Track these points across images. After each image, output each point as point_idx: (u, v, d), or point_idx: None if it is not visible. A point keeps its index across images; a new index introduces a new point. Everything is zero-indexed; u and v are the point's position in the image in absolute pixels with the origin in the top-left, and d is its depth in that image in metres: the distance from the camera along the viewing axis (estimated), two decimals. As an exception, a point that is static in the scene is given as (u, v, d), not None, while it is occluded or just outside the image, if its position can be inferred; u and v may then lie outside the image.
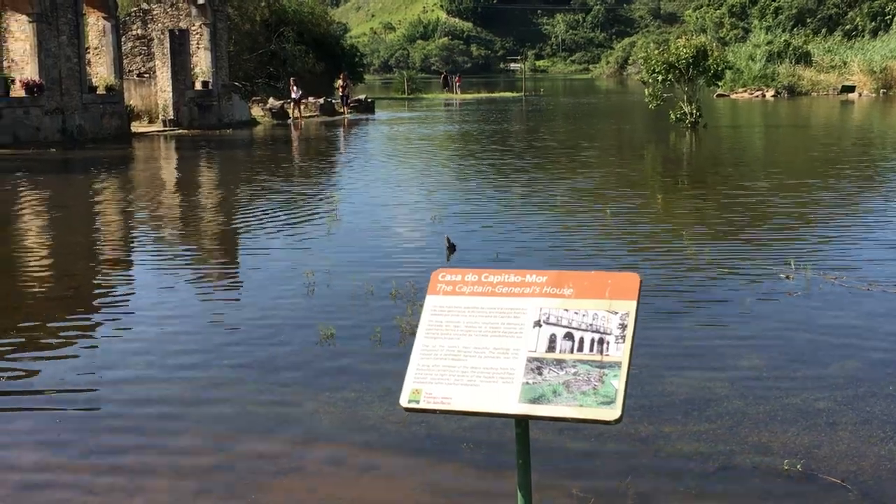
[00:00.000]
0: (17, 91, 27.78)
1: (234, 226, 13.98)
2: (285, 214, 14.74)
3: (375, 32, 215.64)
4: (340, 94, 44.33)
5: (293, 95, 40.08)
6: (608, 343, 3.61)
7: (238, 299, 9.37)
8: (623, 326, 3.64)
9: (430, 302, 3.91)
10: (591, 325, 3.66)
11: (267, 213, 14.80)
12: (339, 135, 33.40)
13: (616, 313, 3.67)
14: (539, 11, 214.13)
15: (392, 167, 22.18)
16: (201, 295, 9.61)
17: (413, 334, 7.63)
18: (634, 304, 3.70)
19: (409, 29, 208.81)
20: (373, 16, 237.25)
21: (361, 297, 8.98)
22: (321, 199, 16.44)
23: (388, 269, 10.31)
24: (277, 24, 53.34)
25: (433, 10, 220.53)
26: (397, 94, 71.31)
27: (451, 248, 11.18)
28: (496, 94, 70.64)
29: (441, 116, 45.13)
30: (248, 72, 48.74)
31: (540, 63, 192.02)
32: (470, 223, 13.40)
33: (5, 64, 27.70)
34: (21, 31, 28.37)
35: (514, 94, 69.26)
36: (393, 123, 38.81)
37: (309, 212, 15.00)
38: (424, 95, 69.46)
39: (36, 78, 28.02)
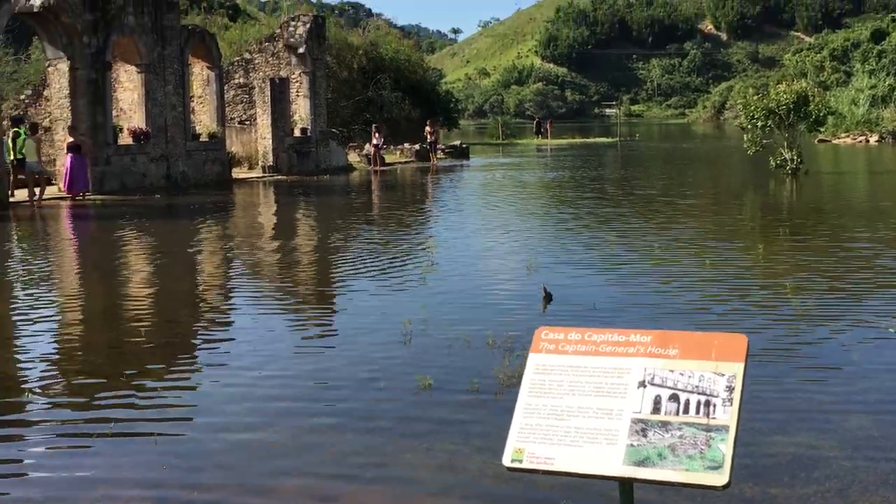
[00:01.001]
0: (125, 139, 28.76)
1: (330, 272, 14.16)
2: (381, 261, 14.88)
3: (470, 78, 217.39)
4: (429, 140, 44.49)
5: (374, 142, 40.17)
6: (715, 406, 3.55)
7: (335, 346, 9.46)
8: (730, 389, 3.58)
9: (534, 360, 3.90)
10: (697, 386, 3.61)
11: (363, 260, 14.96)
12: (431, 181, 33.67)
13: (723, 375, 3.62)
14: (634, 56, 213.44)
15: (486, 214, 22.24)
16: (299, 341, 9.74)
17: (510, 386, 7.65)
18: (742, 366, 3.64)
19: (503, 74, 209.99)
20: (468, 62, 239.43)
21: (458, 347, 8.99)
22: (416, 247, 16.55)
23: (484, 318, 10.31)
24: (375, 71, 54.24)
25: (528, 56, 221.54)
26: (491, 139, 71.70)
27: (548, 297, 11.13)
28: (590, 140, 70.49)
29: (535, 162, 45.19)
30: (345, 118, 49.59)
31: (635, 108, 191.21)
32: (566, 272, 13.32)
33: (115, 113, 28.68)
34: (130, 82, 29.41)
35: (609, 140, 69.03)
36: (487, 170, 38.99)
37: (404, 259, 15.11)
38: (518, 141, 69.70)
39: (143, 126, 28.97)
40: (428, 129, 44.21)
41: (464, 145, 49.42)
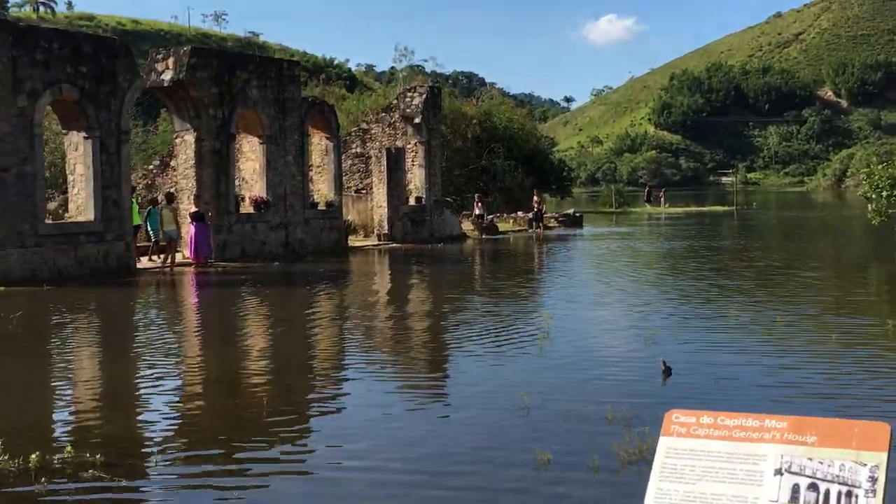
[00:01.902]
0: (247, 207, 29.59)
1: (444, 341, 14.20)
2: (495, 331, 14.85)
3: (583, 146, 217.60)
4: (535, 209, 44.24)
5: (476, 212, 40.06)
6: (857, 496, 3.42)
7: (451, 416, 9.43)
8: (873, 479, 3.44)
9: (664, 443, 3.81)
10: (837, 476, 3.48)
11: (477, 329, 14.96)
12: (544, 250, 33.60)
13: (865, 465, 3.48)
14: (751, 123, 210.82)
15: (601, 284, 22.05)
16: (414, 411, 9.75)
17: (630, 463, 7.51)
18: (885, 455, 3.50)
19: (616, 142, 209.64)
20: (580, 130, 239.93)
21: (577, 421, 8.88)
22: (531, 316, 16.48)
23: (601, 390, 10.18)
24: (488, 140, 54.74)
25: (641, 124, 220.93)
26: (604, 207, 71.38)
27: (667, 371, 10.93)
28: (706, 208, 69.50)
29: (649, 231, 44.76)
30: (459, 187, 50.06)
31: (751, 175, 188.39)
32: (685, 346, 13.07)
33: (237, 182, 29.57)
34: (252, 152, 30.33)
35: (725, 208, 67.95)
36: (601, 238, 38.76)
37: (519, 328, 15.05)
38: (632, 209, 69.21)
39: (264, 195, 29.77)
40: (535, 198, 44.16)
41: (577, 214, 49.32)
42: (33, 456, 7.53)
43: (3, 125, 21.80)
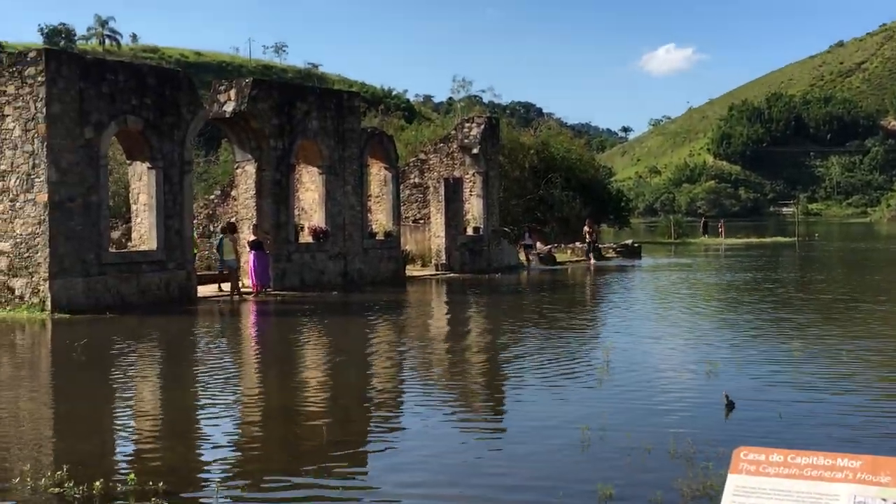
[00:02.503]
0: (306, 237, 29.85)
1: (502, 372, 14.13)
2: (554, 362, 14.76)
3: (641, 176, 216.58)
4: (587, 240, 43.97)
5: (525, 242, 39.53)
6: (934, 539, 3.32)
7: (510, 449, 9.35)
8: (950, 521, 3.35)
9: (733, 481, 3.75)
10: (913, 517, 3.39)
11: (535, 360, 14.87)
12: (602, 281, 33.38)
13: (942, 506, 3.39)
14: (812, 154, 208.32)
15: (661, 316, 21.84)
16: (472, 443, 9.69)
17: (694, 498, 7.38)
18: (963, 496, 3.40)
19: (675, 172, 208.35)
20: (638, 160, 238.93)
21: (638, 454, 8.76)
22: (589, 348, 16.35)
23: (663, 424, 10.04)
24: (546, 170, 54.70)
25: (700, 154, 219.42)
26: (663, 238, 70.83)
27: (730, 405, 10.76)
28: (766, 240, 68.62)
29: (709, 263, 44.28)
30: (516, 217, 50.03)
31: (813, 206, 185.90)
32: (748, 380, 12.84)
33: (296, 212, 29.85)
34: (311, 182, 30.62)
35: (786, 240, 67.05)
36: (659, 269, 38.43)
37: (578, 360, 14.94)
38: (691, 240, 68.57)
39: (323, 225, 30.02)
40: (587, 228, 43.69)
41: (635, 244, 48.99)
42: (97, 483, 7.62)
43: (70, 156, 22.28)
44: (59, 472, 7.94)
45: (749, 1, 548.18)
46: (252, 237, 26.69)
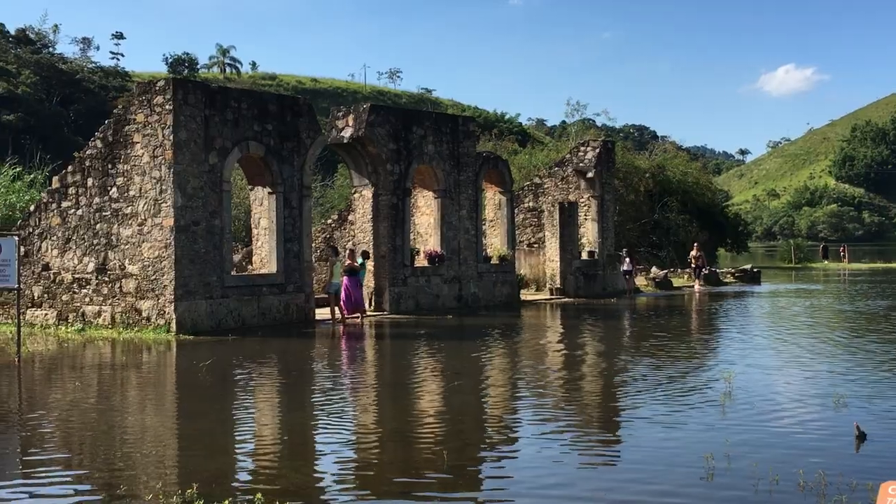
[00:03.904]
0: (421, 261, 30.10)
1: (619, 398, 13.92)
2: (672, 388, 14.49)
3: (758, 199, 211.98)
4: (694, 265, 42.65)
5: (624, 267, 38.28)
6: None
7: (630, 477, 9.19)
8: None
9: (881, 519, 3.61)
10: None
11: (653, 386, 14.63)
12: (720, 307, 32.69)
13: None
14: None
15: (783, 343, 21.24)
16: (587, 469, 9.55)
17: (825, 534, 7.15)
18: None
19: (794, 195, 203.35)
20: (756, 183, 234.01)
21: (765, 486, 8.53)
22: (708, 376, 15.99)
23: (790, 455, 9.76)
24: (661, 194, 54.06)
25: (821, 177, 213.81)
26: (783, 262, 69.11)
27: (861, 436, 10.40)
28: (893, 265, 66.26)
29: (833, 289, 42.96)
30: (631, 241, 49.52)
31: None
32: (878, 412, 12.37)
33: (412, 236, 30.13)
34: (427, 206, 30.90)
35: (916, 264, 64.66)
36: (780, 295, 37.46)
37: (697, 387, 14.63)
38: (812, 264, 66.72)
39: (438, 249, 30.22)
40: (694, 252, 42.61)
41: (754, 269, 47.90)
42: (226, 502, 7.78)
43: (195, 181, 22.95)
44: (189, 491, 8.15)
45: (871, 20, 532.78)
46: (347, 261, 26.31)
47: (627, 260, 37.23)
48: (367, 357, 20.41)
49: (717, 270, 46.99)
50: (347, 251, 27.39)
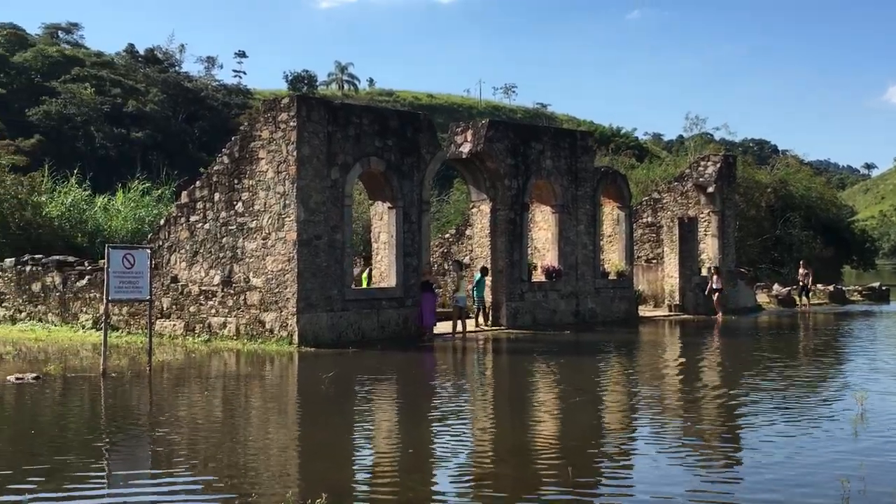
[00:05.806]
0: (538, 276, 30.02)
1: (742, 417, 13.59)
2: (799, 408, 14.11)
3: (885, 215, 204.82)
4: (801, 283, 40.65)
5: (713, 286, 36.47)
6: None
7: (754, 500, 8.97)
8: None
9: None
10: None
11: (777, 406, 14.26)
12: (843, 325, 31.66)
13: None
14: None
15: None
16: (709, 493, 9.34)
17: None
18: None
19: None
20: (882, 198, 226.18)
21: (903, 513, 8.23)
22: (837, 396, 15.50)
23: (929, 482, 9.39)
24: (783, 209, 52.80)
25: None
26: (913, 281, 66.56)
27: None
28: None
29: (967, 307, 41.18)
30: (752, 257, 48.46)
31: None
32: None
33: (529, 251, 30.09)
34: (544, 221, 30.82)
35: None
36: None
37: (827, 407, 14.20)
38: (944, 283, 64.08)
39: (555, 264, 30.10)
40: (802, 270, 40.85)
41: (883, 287, 46.32)
42: (354, 512, 7.89)
43: (318, 196, 23.40)
44: (318, 501, 8.29)
45: None
46: (423, 277, 25.83)
47: (715, 278, 35.64)
48: (486, 371, 20.43)
49: (844, 288, 45.58)
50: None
